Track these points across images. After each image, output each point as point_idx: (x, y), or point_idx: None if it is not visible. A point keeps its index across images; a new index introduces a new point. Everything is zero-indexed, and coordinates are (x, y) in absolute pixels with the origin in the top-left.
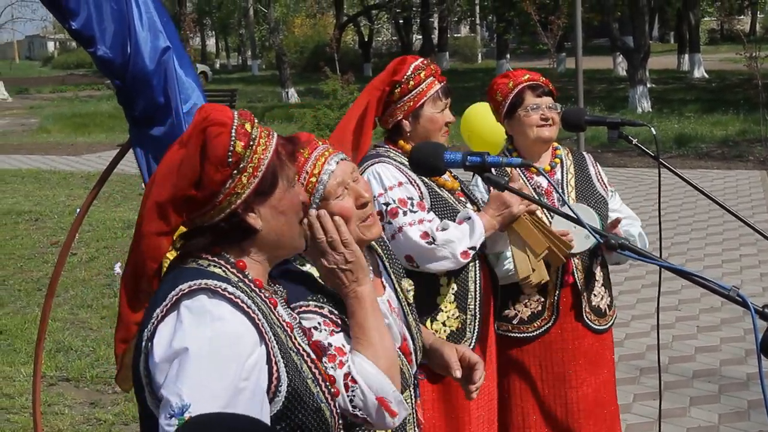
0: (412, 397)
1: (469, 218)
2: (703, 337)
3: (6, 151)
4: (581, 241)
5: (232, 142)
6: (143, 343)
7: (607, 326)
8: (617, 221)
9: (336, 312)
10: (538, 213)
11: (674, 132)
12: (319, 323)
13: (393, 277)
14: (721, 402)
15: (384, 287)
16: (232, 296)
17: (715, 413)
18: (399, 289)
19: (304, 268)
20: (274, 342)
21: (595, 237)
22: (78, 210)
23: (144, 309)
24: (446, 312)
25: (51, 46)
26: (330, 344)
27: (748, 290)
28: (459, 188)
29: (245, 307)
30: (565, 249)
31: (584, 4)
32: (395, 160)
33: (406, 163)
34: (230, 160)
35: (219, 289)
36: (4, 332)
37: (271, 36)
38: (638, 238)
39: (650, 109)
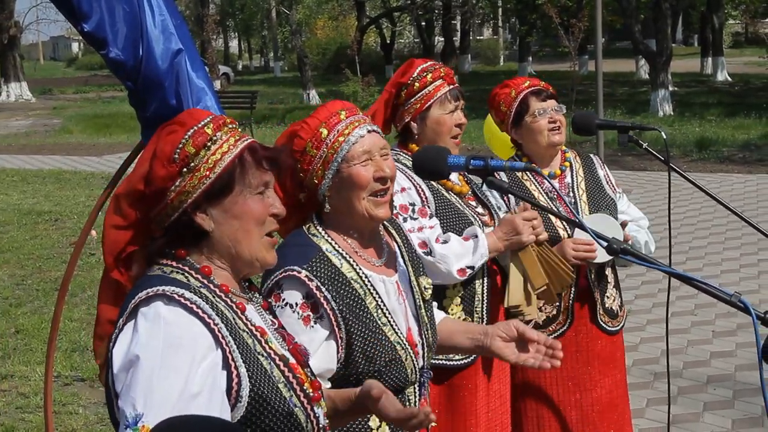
0: (417, 393)
1: (476, 236)
2: (719, 342)
3: (28, 151)
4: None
5: (183, 141)
6: (108, 353)
7: (619, 327)
8: (624, 224)
9: (324, 289)
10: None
11: (695, 135)
12: (296, 303)
13: (411, 270)
14: (734, 408)
15: (396, 270)
16: (188, 302)
17: (729, 419)
18: (416, 284)
19: (315, 239)
20: (234, 346)
21: (597, 242)
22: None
23: (115, 306)
24: (452, 314)
25: (75, 47)
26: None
27: (766, 295)
28: (469, 192)
29: (200, 312)
30: (568, 280)
31: (607, 6)
32: (403, 164)
33: None
34: (176, 156)
35: (175, 295)
36: (21, 332)
37: (293, 38)
38: (644, 246)
39: (672, 113)
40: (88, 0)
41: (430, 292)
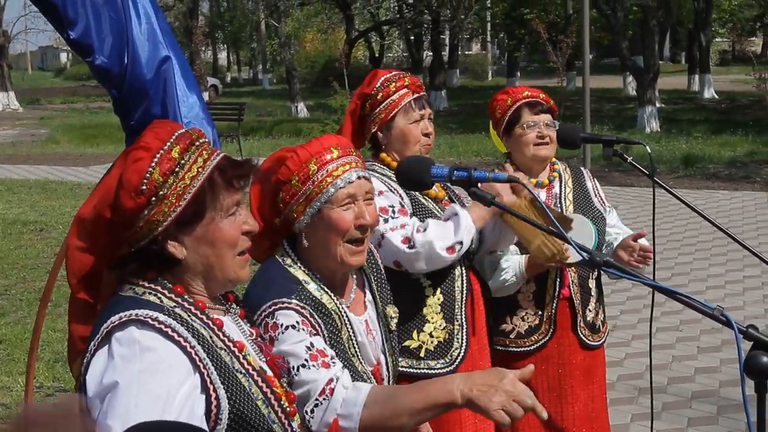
0: None
1: (456, 215)
2: (703, 358)
3: (15, 161)
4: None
5: (149, 170)
6: (81, 377)
7: (601, 342)
8: (642, 234)
9: (315, 316)
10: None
11: (682, 152)
12: (297, 322)
13: (379, 301)
14: (719, 423)
15: (365, 307)
16: (162, 326)
17: None
18: (383, 314)
19: (291, 270)
20: (212, 368)
21: (580, 254)
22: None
23: (85, 323)
24: (433, 323)
25: (63, 57)
26: (312, 344)
27: (750, 312)
28: (446, 198)
29: (176, 336)
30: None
31: (595, 23)
32: (379, 174)
33: (390, 174)
34: (144, 188)
35: (149, 320)
36: (3, 342)
37: (281, 50)
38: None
39: (659, 129)
40: (74, 6)
41: (395, 321)
